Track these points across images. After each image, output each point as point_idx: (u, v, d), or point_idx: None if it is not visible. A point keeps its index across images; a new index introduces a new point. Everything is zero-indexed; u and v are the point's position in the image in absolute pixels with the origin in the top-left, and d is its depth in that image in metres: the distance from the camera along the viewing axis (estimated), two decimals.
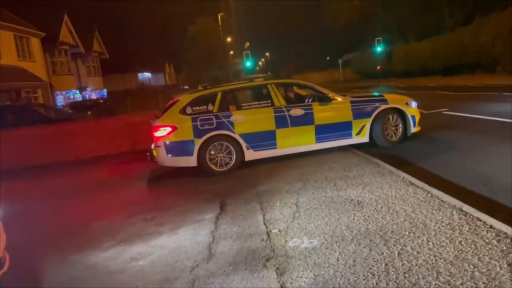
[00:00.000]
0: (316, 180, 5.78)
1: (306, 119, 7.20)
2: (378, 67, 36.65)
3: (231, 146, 7.01)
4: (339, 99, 7.46)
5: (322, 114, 7.28)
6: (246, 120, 7.04)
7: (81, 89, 32.90)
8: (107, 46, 37.51)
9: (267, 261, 3.56)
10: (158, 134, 6.96)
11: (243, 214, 4.84)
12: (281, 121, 7.10)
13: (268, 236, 4.08)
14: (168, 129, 6.90)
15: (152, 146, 7.35)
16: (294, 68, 70.44)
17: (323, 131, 7.25)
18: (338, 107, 7.37)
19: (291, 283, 3.14)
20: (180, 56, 54.76)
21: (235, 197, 5.58)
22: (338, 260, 3.39)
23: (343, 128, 7.34)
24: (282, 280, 3.20)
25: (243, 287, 3.21)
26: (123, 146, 10.96)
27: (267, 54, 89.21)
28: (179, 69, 61.29)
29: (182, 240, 4.36)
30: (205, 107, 7.04)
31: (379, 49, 36.06)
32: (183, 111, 6.99)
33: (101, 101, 28.27)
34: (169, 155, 6.95)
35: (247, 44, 51.73)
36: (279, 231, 4.16)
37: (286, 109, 7.16)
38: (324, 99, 7.43)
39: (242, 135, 7.02)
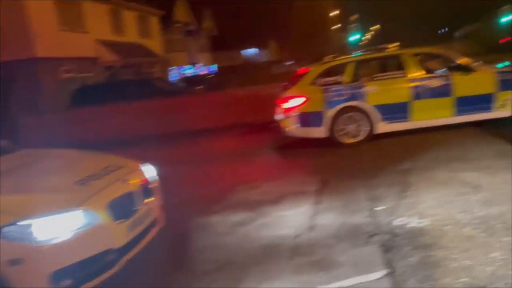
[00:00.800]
0: (430, 159, 5.45)
1: (444, 91, 6.72)
2: (504, 40, 32.46)
3: (362, 118, 6.83)
4: (482, 69, 6.82)
5: (462, 85, 6.71)
6: (379, 91, 6.81)
7: (192, 64, 35.03)
8: (216, 23, 39.15)
9: (371, 237, 3.50)
10: (288, 104, 7.04)
11: (348, 189, 4.79)
12: (416, 93, 6.73)
13: (373, 213, 3.99)
14: (300, 100, 6.95)
15: (279, 116, 7.45)
16: (404, 42, 65.83)
17: (462, 104, 6.71)
18: (480, 78, 6.72)
19: (398, 261, 3.05)
20: (284, 32, 54.78)
21: (342, 171, 5.56)
22: (449, 243, 3.19)
23: (484, 101, 6.70)
24: (388, 257, 3.13)
25: (346, 260, 3.21)
26: (230, 119, 11.37)
27: (373, 28, 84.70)
28: (283, 45, 61.45)
29: (285, 209, 4.48)
30: (336, 77, 7.06)
31: (505, 19, 31.84)
32: (314, 82, 7.06)
33: (209, 76, 29.79)
34: (299, 126, 6.97)
35: (354, 17, 49.53)
36: (384, 208, 4.04)
37: (422, 80, 6.77)
38: (464, 69, 6.82)
39: (374, 107, 6.78)
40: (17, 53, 16.78)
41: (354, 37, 32.96)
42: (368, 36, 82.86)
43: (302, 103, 6.91)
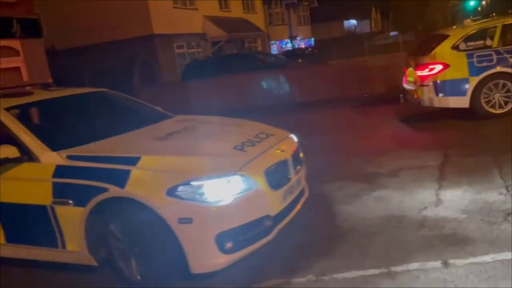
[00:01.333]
0: None
1: None
2: None
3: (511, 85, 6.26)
4: None
5: None
6: None
7: (292, 38, 34.90)
8: None
9: (508, 215, 3.32)
10: (425, 72, 6.57)
11: (474, 166, 4.53)
12: None
13: (508, 190, 3.76)
14: (439, 67, 6.45)
15: (408, 86, 7.19)
16: None
17: None
18: None
19: None
20: (387, 1, 51.35)
21: (466, 147, 5.27)
22: None
23: None
24: None
25: (481, 236, 3.11)
26: (340, 91, 10.92)
27: None
28: (386, 15, 57.86)
29: (405, 183, 4.40)
30: (482, 42, 6.47)
31: None
32: (456, 47, 6.50)
33: (309, 49, 29.48)
34: (439, 95, 6.49)
35: None
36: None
37: None
38: None
39: None
40: (136, 30, 18.30)
41: (472, 2, 29.59)
42: (484, 2, 73.71)
43: (442, 70, 6.42)
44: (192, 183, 2.62)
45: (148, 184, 2.68)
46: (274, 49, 31.37)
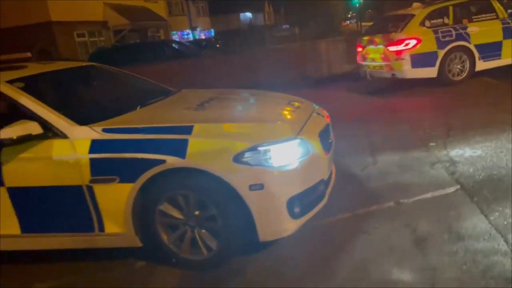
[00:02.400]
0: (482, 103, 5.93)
1: None
2: None
3: (465, 57, 7.38)
4: None
5: None
6: (480, 32, 7.34)
7: (192, 29, 34.54)
8: None
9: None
10: (401, 47, 7.37)
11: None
12: (507, 33, 7.35)
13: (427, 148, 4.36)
14: (414, 42, 7.26)
15: (372, 62, 7.92)
16: None
17: None
18: None
19: (464, 179, 3.46)
20: None
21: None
22: (507, 164, 3.59)
23: None
24: (454, 178, 3.54)
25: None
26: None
27: None
28: (278, 8, 60.39)
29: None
30: (441, 20, 7.43)
31: None
32: (422, 24, 7.41)
33: (213, 40, 29.51)
34: (414, 67, 7.32)
35: None
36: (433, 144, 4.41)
37: (510, 21, 7.43)
38: None
39: (476, 46, 7.35)
40: (33, 17, 16.54)
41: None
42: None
43: (416, 44, 7.28)
44: (259, 148, 2.53)
45: (212, 152, 2.54)
46: (176, 39, 30.72)
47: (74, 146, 2.67)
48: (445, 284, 2.31)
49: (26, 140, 2.65)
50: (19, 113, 2.84)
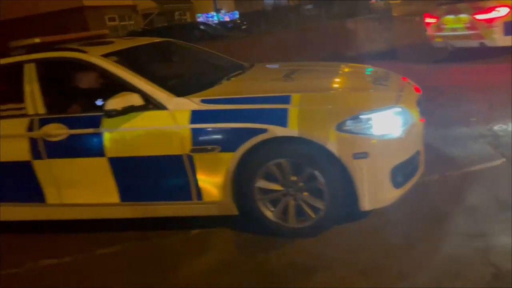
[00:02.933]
0: None
1: None
2: None
3: None
4: None
5: None
6: None
7: (216, 11, 34.35)
8: None
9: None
10: (492, 15, 7.25)
11: None
12: None
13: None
14: (506, 10, 7.17)
15: (454, 33, 7.78)
16: None
17: None
18: None
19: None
20: None
21: None
22: None
23: None
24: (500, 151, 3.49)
25: None
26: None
27: None
28: None
29: None
30: None
31: None
32: None
33: (239, 21, 29.31)
34: (506, 35, 7.16)
35: None
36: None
37: None
38: None
39: None
40: (65, 2, 16.73)
41: None
42: None
43: (508, 12, 7.12)
44: (361, 116, 2.50)
45: (313, 121, 2.54)
46: (201, 21, 30.65)
47: (174, 117, 2.73)
48: None
49: (129, 111, 2.72)
50: (112, 86, 2.93)
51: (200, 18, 30.70)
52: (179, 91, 2.86)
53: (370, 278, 2.30)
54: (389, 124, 2.57)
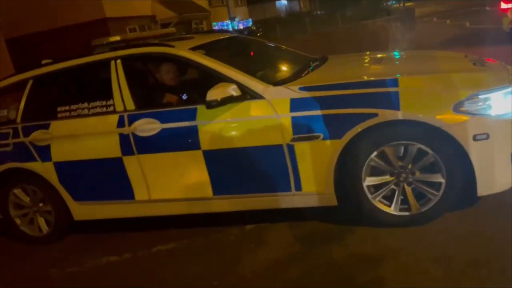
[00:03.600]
0: None
1: None
2: None
3: None
4: None
5: None
6: None
7: (231, 19, 34.60)
8: None
9: None
10: None
11: None
12: None
13: None
14: None
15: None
16: None
17: None
18: None
19: None
20: None
21: None
22: None
23: None
24: None
25: None
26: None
27: None
28: None
29: None
30: None
31: None
32: None
33: (254, 28, 29.51)
34: None
35: None
36: None
37: None
38: None
39: None
40: (89, 14, 17.03)
41: None
42: None
43: None
44: (480, 96, 2.38)
45: (429, 103, 2.45)
46: (216, 29, 30.87)
47: (273, 106, 2.67)
48: None
49: (227, 102, 2.67)
50: (200, 79, 2.88)
51: (216, 26, 30.95)
52: (271, 81, 2.81)
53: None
54: (506, 104, 2.45)
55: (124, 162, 3.01)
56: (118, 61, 3.08)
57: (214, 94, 2.65)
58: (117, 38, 3.36)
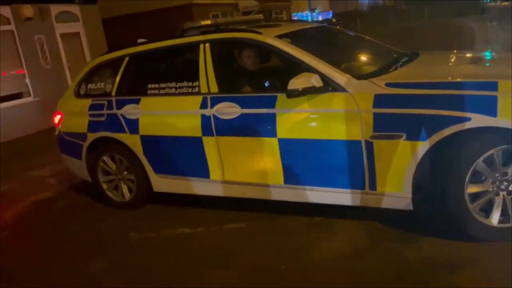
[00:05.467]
0: None
1: None
2: None
3: None
4: None
5: None
6: None
7: (311, 10, 34.27)
8: None
9: None
10: None
11: None
12: None
13: None
14: None
15: None
16: None
17: None
18: None
19: None
20: None
21: None
22: None
23: None
24: None
25: None
26: None
27: None
28: None
29: None
30: None
31: None
32: None
33: (334, 20, 28.93)
34: None
35: None
36: None
37: None
38: None
39: None
40: (176, 1, 17.84)
41: None
42: None
43: None
44: None
45: None
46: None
47: (355, 100, 2.63)
48: None
49: (308, 92, 2.67)
50: (284, 67, 2.87)
51: (295, 17, 30.81)
52: (356, 74, 2.76)
53: None
54: None
55: (204, 142, 3.15)
56: (207, 44, 3.20)
57: (295, 83, 2.66)
58: (208, 22, 3.48)
